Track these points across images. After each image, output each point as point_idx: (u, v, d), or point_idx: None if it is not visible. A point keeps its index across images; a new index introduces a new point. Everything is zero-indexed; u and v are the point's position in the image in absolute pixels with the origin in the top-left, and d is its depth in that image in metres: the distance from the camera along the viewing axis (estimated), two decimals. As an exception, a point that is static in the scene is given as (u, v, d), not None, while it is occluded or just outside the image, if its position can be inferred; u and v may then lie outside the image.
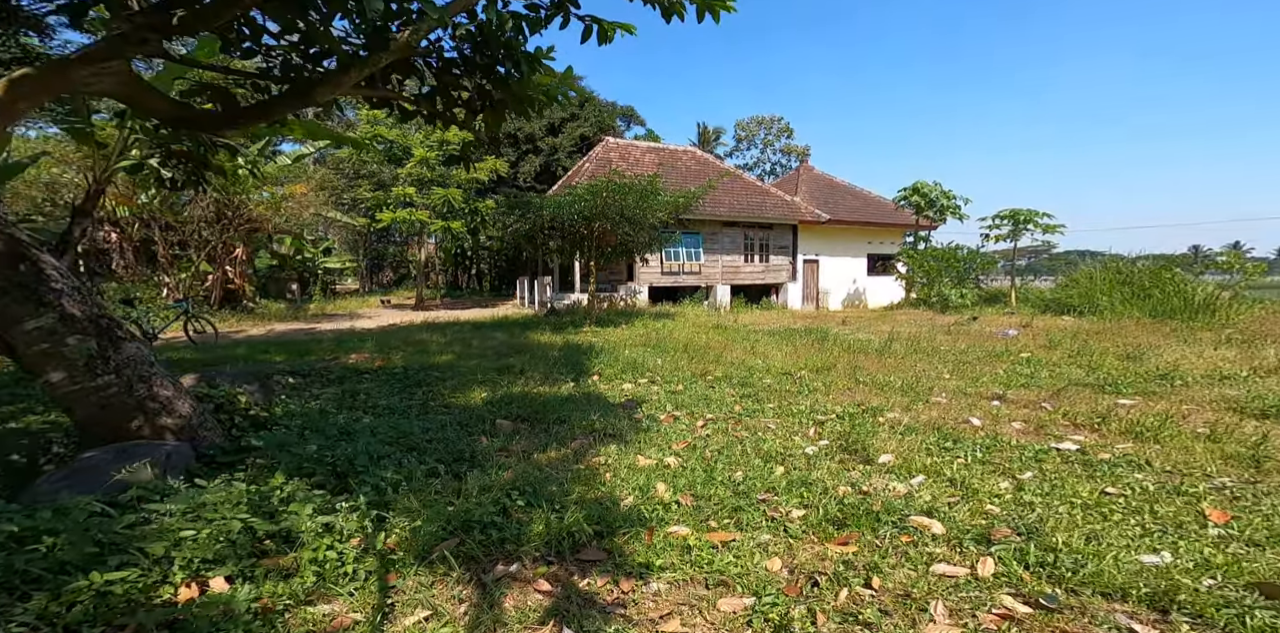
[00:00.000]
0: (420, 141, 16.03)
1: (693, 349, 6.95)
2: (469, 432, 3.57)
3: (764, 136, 46.78)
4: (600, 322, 10.71)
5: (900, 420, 3.85)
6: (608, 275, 18.59)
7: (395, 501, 2.24)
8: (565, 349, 7.02)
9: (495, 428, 3.69)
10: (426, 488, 2.43)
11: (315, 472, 2.35)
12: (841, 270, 19.01)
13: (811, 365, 5.90)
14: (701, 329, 9.57)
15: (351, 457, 2.45)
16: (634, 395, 4.81)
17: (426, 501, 2.27)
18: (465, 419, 3.80)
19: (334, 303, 18.04)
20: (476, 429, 3.63)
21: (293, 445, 2.60)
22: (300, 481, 2.24)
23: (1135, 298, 9.64)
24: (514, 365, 5.82)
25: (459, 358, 6.35)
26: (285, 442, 2.67)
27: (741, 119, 47.17)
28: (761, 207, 17.40)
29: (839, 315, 13.36)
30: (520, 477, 2.77)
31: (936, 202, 14.55)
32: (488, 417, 3.89)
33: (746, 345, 7.36)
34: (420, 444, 3.02)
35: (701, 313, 14.23)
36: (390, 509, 2.24)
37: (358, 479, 2.36)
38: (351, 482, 2.34)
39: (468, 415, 3.91)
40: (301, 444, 2.62)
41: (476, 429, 3.63)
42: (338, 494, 2.28)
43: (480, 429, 3.65)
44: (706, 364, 6.05)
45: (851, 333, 8.84)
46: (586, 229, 10.17)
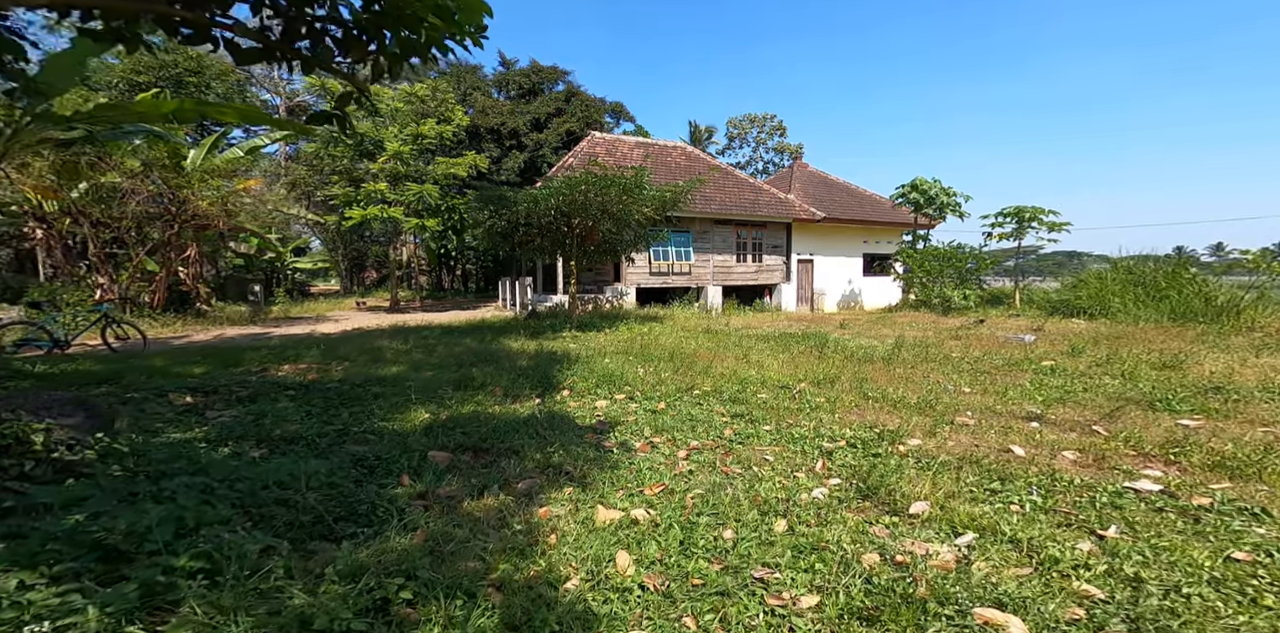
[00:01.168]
0: (395, 135, 15.23)
1: (679, 357, 6.26)
2: (387, 470, 2.84)
3: (756, 135, 46.39)
4: (582, 326, 9.99)
5: (925, 449, 3.18)
6: (594, 276, 17.87)
7: (187, 599, 1.47)
8: (537, 357, 6.29)
9: (425, 463, 2.96)
10: (254, 577, 1.65)
11: (70, 555, 1.58)
12: (837, 271, 18.47)
13: (812, 377, 5.23)
14: (690, 334, 8.89)
15: (146, 528, 1.69)
16: (607, 416, 4.10)
17: (242, 601, 1.50)
18: (389, 452, 3.06)
19: (302, 305, 17.11)
20: (399, 466, 2.89)
21: (76, 507, 1.84)
22: (36, 571, 1.47)
23: (1150, 300, 9.13)
24: (474, 378, 5.08)
25: (413, 368, 5.59)
26: (73, 499, 1.90)
27: (734, 117, 46.79)
28: (754, 204, 16.80)
29: (836, 318, 12.77)
30: (432, 541, 2.05)
31: (936, 199, 14.04)
32: (420, 448, 3.15)
33: (739, 353, 6.68)
34: (293, 498, 2.26)
35: (691, 316, 13.57)
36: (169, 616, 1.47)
37: (135, 566, 1.59)
38: (126, 569, 1.58)
39: (395, 446, 3.17)
40: (94, 504, 1.85)
41: (399, 466, 2.89)
42: (91, 594, 1.49)
43: (405, 465, 2.91)
44: (694, 376, 5.36)
45: (852, 338, 8.21)
46: (566, 226, 9.45)
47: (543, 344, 7.67)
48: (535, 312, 12.99)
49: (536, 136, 22.55)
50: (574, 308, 10.18)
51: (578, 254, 10.41)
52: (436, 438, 3.36)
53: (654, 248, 15.41)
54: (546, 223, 9.33)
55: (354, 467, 2.84)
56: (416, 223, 15.20)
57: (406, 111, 15.98)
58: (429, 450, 3.12)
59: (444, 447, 3.24)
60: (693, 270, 16.24)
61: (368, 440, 3.32)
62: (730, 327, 10.32)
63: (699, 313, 14.56)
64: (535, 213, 9.06)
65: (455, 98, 21.76)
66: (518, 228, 9.40)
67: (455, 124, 16.51)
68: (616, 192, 8.88)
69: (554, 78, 25.52)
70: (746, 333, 9.05)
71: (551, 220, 9.29)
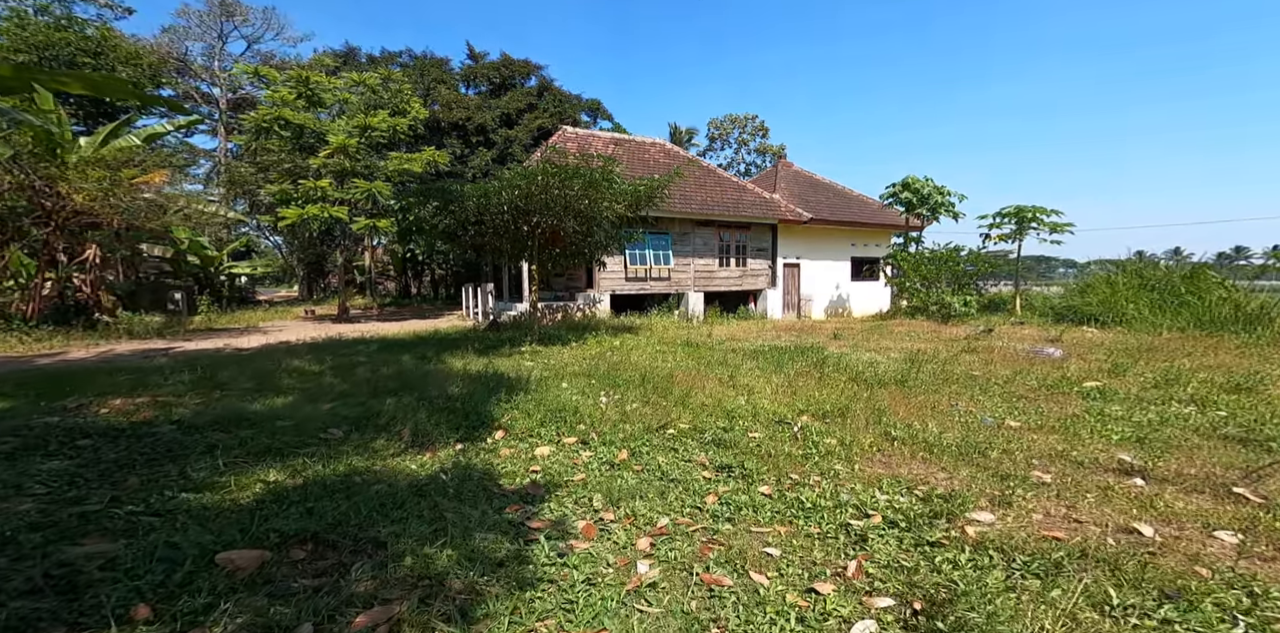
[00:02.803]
0: (342, 127, 13.92)
1: (653, 380, 5.20)
2: (114, 594, 1.67)
3: (739, 135, 46.19)
4: (545, 338, 8.87)
5: (1007, 533, 2.18)
6: (566, 282, 16.77)
7: None
8: (478, 381, 5.15)
9: (201, 575, 1.80)
10: None
11: None
12: (824, 275, 17.78)
13: (815, 406, 4.24)
14: (668, 348, 7.86)
15: None
16: (546, 473, 3.01)
17: None
18: (143, 553, 1.90)
19: (234, 315, 15.50)
20: (145, 583, 1.73)
21: None
22: None
23: (1167, 306, 8.50)
24: (380, 413, 3.93)
25: (307, 399, 4.39)
26: None
27: (715, 118, 46.53)
28: (738, 204, 15.99)
29: (827, 326, 11.93)
30: None
31: (929, 198, 13.43)
32: (210, 543, 1.99)
33: (724, 373, 5.66)
34: None
35: (670, 325, 12.57)
36: None
37: None
38: None
39: (167, 541, 2.00)
40: None
41: (145, 583, 1.73)
42: None
43: (155, 581, 1.75)
44: (669, 405, 4.31)
45: (850, 351, 7.30)
46: (526, 225, 8.34)
47: (492, 362, 6.53)
48: (496, 322, 11.80)
49: (506, 133, 21.43)
50: (535, 318, 9.04)
51: (540, 258, 9.31)
52: (262, 521, 2.21)
53: (630, 251, 14.42)
54: (502, 222, 8.21)
55: (50, 592, 1.67)
56: (367, 223, 13.86)
57: (356, 102, 14.70)
58: (225, 548, 1.97)
59: (264, 537, 2.09)
60: (672, 275, 15.29)
61: (131, 529, 2.13)
62: (713, 338, 9.33)
63: (679, 322, 13.57)
64: (487, 210, 7.93)
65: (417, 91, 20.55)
66: (466, 227, 8.25)
67: (412, 117, 15.28)
68: (581, 185, 7.84)
69: (526, 72, 24.50)
70: (732, 346, 8.06)
71: (507, 219, 8.18)
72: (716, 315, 15.24)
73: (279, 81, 13.53)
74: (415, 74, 22.35)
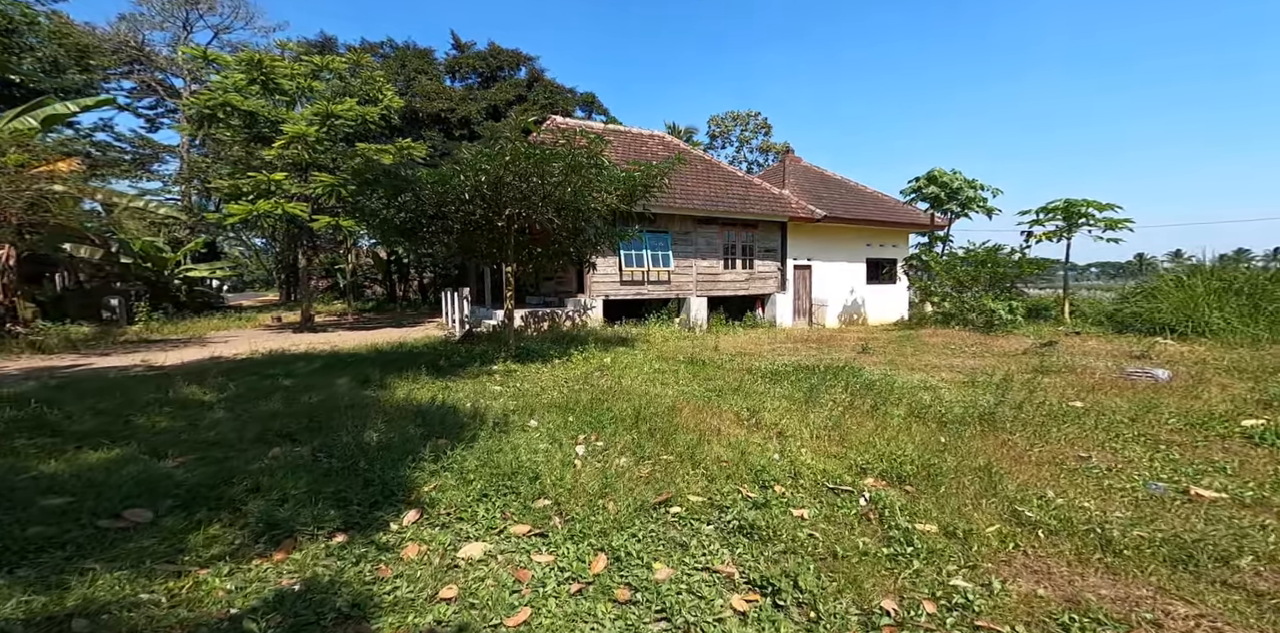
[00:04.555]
0: (302, 116, 12.72)
1: (651, 417, 3.97)
2: None
3: (740, 133, 45.26)
4: (524, 354, 7.62)
5: None
6: (555, 286, 15.55)
7: None
8: (414, 419, 3.91)
9: None
10: None
11: None
12: (838, 279, 16.59)
13: (883, 461, 3.01)
14: (669, 366, 6.62)
15: None
16: (463, 605, 1.79)
17: None
18: None
19: (186, 323, 14.20)
20: None
21: None
22: None
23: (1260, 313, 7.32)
24: (237, 477, 2.68)
25: (148, 451, 3.12)
26: None
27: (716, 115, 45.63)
28: (745, 200, 14.83)
29: (847, 336, 10.71)
30: None
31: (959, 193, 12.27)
32: None
33: (742, 404, 4.43)
34: None
35: (670, 335, 11.35)
36: None
37: None
38: None
39: None
40: None
41: None
42: None
43: None
44: (672, 460, 3.08)
45: (892, 371, 6.06)
46: (497, 218, 7.12)
47: (449, 387, 5.28)
48: (472, 332, 10.55)
49: (493, 126, 20.29)
50: (510, 330, 7.79)
51: (519, 258, 8.09)
52: None
53: (625, 251, 13.20)
54: (469, 216, 6.99)
55: None
56: (329, 221, 12.63)
57: (322, 89, 13.52)
58: None
59: None
60: (672, 279, 14.08)
61: None
62: (721, 352, 8.10)
63: (680, 331, 12.35)
64: (448, 200, 6.71)
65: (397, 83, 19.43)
66: (421, 222, 7.01)
67: (384, 106, 14.11)
68: (563, 169, 6.63)
69: (516, 62, 23.42)
70: (745, 363, 6.83)
71: (476, 212, 6.96)
72: (721, 323, 14.03)
73: (230, 65, 12.36)
74: (396, 65, 21.24)
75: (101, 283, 14.14)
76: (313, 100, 13.34)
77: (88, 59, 15.03)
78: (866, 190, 18.38)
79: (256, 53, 12.16)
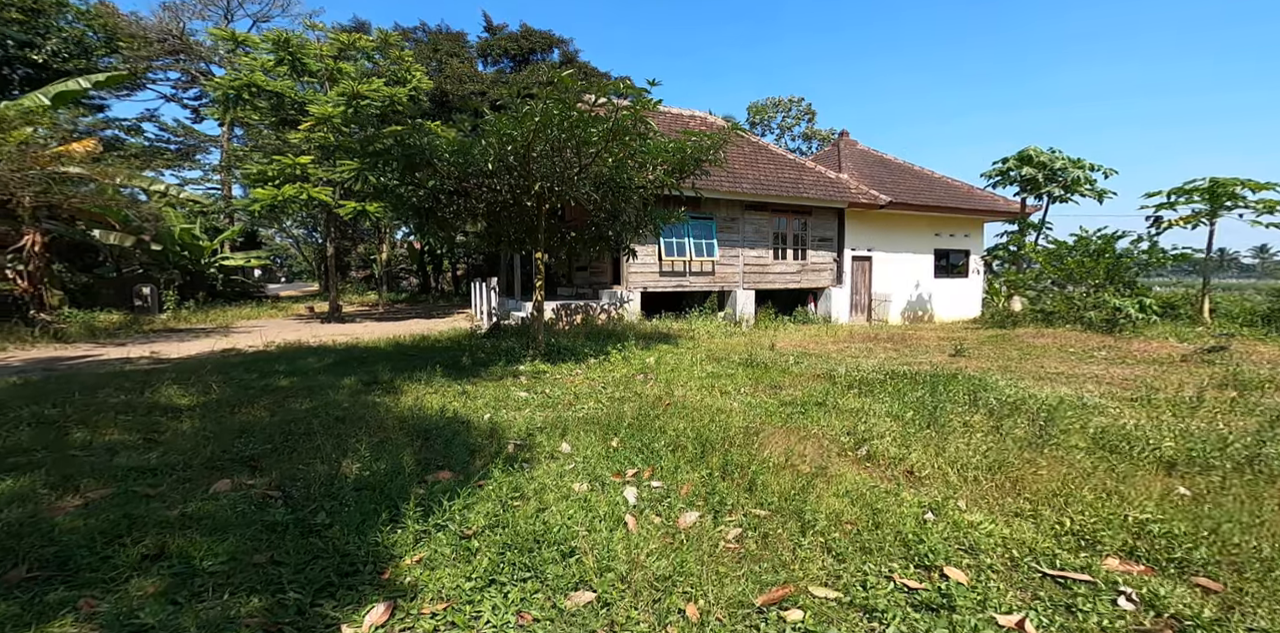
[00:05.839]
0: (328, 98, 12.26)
1: (720, 447, 3.00)
2: None
3: (781, 120, 43.16)
4: (555, 352, 6.77)
5: None
6: (589, 277, 14.69)
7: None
8: (412, 441, 3.08)
9: None
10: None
11: None
12: (901, 271, 15.04)
13: (1116, 530, 1.93)
14: (723, 370, 5.61)
15: None
16: None
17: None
18: None
19: (216, 312, 14.16)
20: None
21: None
22: None
23: None
24: (127, 547, 1.86)
25: (59, 479, 2.39)
26: None
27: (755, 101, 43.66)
28: (798, 184, 13.52)
29: (924, 336, 9.36)
30: None
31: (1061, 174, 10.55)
32: None
33: (837, 427, 3.38)
34: None
35: (716, 331, 10.31)
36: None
37: None
38: None
39: None
40: None
41: None
42: None
43: None
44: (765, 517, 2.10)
45: (1016, 381, 4.83)
46: (528, 198, 6.26)
47: (465, 393, 4.45)
48: (499, 326, 9.82)
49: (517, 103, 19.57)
50: (539, 325, 6.95)
51: (550, 244, 7.22)
52: None
53: (666, 239, 12.18)
54: (492, 191, 6.15)
55: None
56: (355, 207, 12.18)
57: (350, 71, 13.03)
58: None
59: None
60: (717, 269, 12.98)
61: None
62: (780, 353, 7.02)
63: (726, 326, 11.28)
64: (469, 174, 5.89)
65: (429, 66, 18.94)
66: (440, 198, 6.21)
67: (412, 87, 13.53)
68: (602, 134, 5.68)
69: (548, 44, 22.60)
70: (814, 367, 5.73)
71: (501, 188, 6.12)
72: (770, 319, 12.85)
73: (258, 46, 12.02)
74: (428, 49, 20.78)
75: (136, 270, 14.27)
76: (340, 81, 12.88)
77: (116, 40, 15.13)
78: (935, 175, 16.64)
79: (284, 32, 11.76)
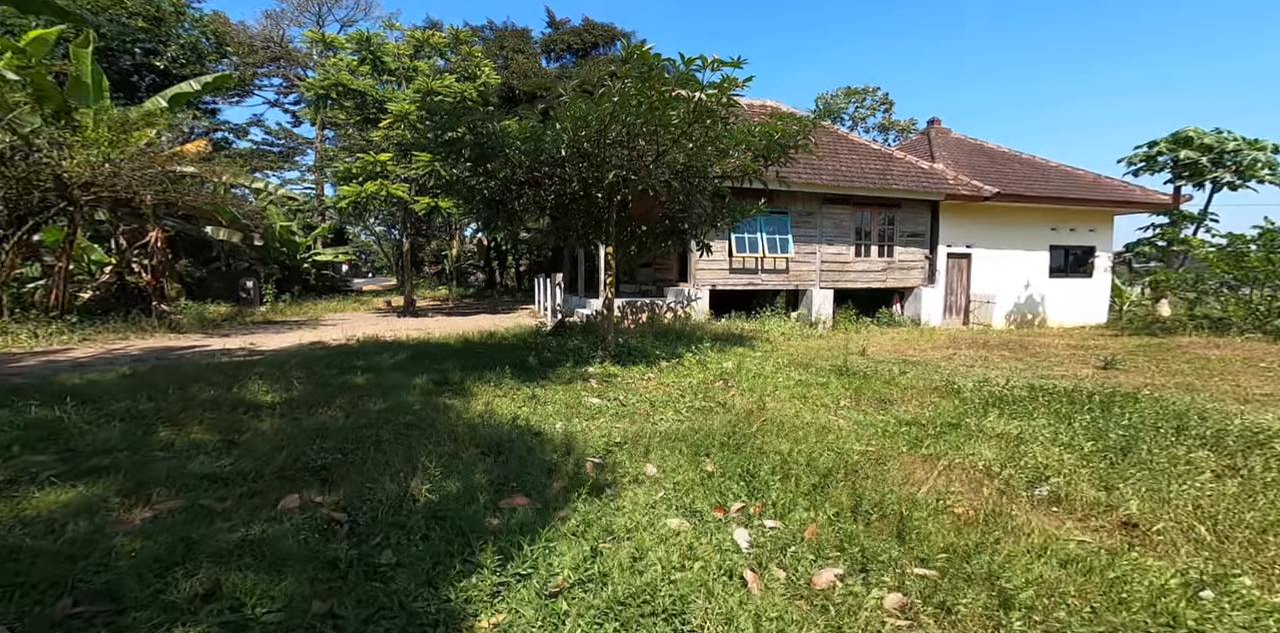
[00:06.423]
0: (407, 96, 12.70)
1: (841, 477, 2.47)
2: None
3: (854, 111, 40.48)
4: (623, 354, 6.42)
5: None
6: (653, 273, 14.30)
7: None
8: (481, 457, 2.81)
9: None
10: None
11: None
12: (1007, 269, 13.37)
13: None
14: (813, 378, 4.99)
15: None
16: None
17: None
18: None
19: (307, 305, 15.22)
20: None
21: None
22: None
23: None
24: (180, 582, 1.65)
25: (132, 486, 2.30)
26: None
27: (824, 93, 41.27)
28: (885, 175, 12.35)
29: (1047, 343, 8.09)
30: None
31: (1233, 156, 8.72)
32: None
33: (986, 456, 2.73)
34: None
35: (793, 332, 9.58)
36: None
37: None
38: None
39: None
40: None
41: None
42: None
43: None
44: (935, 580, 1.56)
45: (1212, 403, 3.83)
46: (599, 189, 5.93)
47: (535, 397, 4.18)
48: (564, 323, 9.65)
49: (584, 99, 19.53)
50: (610, 325, 6.63)
51: (620, 238, 6.87)
52: None
53: (737, 235, 11.53)
54: (563, 181, 5.89)
55: None
56: (428, 203, 12.55)
57: (423, 68, 13.45)
58: None
59: None
60: (791, 266, 12.15)
61: None
62: (874, 358, 6.25)
63: (801, 327, 10.49)
64: (541, 162, 5.64)
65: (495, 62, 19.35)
66: (511, 188, 6.02)
67: (481, 82, 13.75)
68: (684, 116, 5.22)
69: (610, 37, 22.46)
70: (926, 378, 4.95)
71: (572, 178, 5.84)
72: (850, 320, 11.85)
73: (344, 46, 12.68)
74: (495, 46, 21.28)
75: (243, 264, 15.63)
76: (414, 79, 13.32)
77: (225, 46, 16.72)
78: (1051, 164, 14.70)
79: (365, 32, 12.30)
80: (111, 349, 7.04)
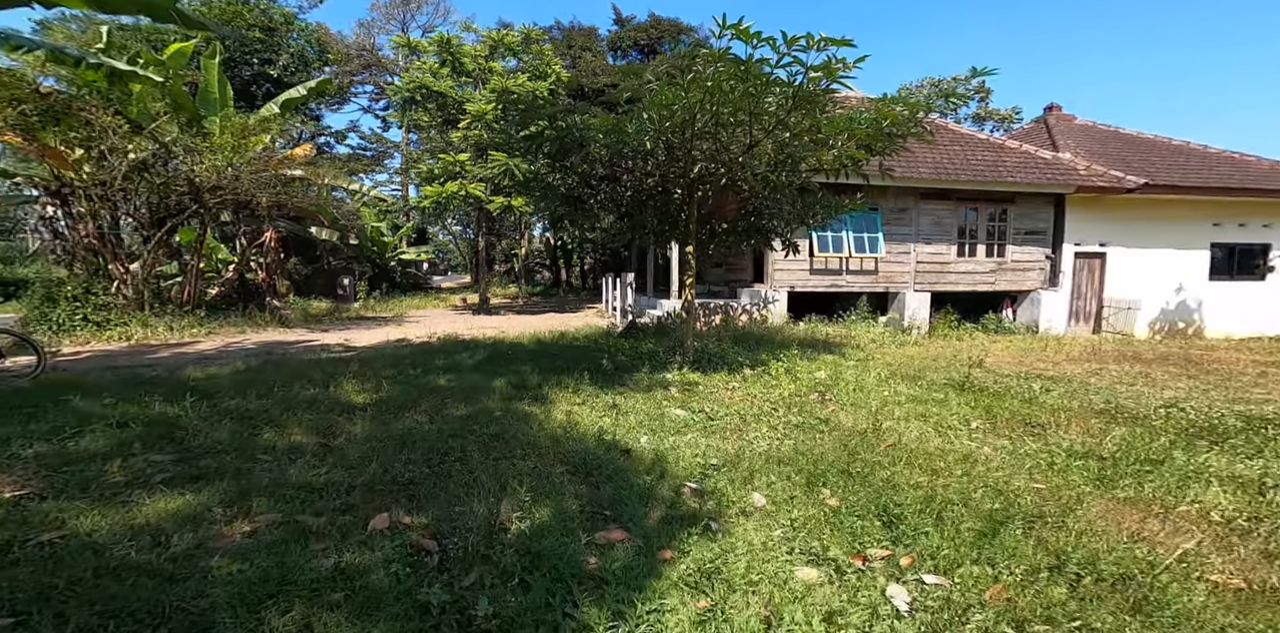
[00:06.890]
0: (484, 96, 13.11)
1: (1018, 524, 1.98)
2: None
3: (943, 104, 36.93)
4: (702, 359, 6.07)
5: None
6: (724, 273, 13.77)
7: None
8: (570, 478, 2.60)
9: None
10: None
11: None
12: (1153, 271, 11.46)
13: None
14: (927, 394, 4.38)
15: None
16: None
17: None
18: None
19: (393, 301, 16.24)
20: None
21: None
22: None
23: None
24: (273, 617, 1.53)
25: (236, 494, 2.29)
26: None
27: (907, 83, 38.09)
28: (997, 167, 11.01)
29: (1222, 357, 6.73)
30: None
31: None
32: None
33: (1201, 500, 2.10)
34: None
35: (884, 339, 8.77)
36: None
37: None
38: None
39: None
40: None
41: None
42: None
43: None
44: None
45: None
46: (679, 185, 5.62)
47: (616, 407, 3.95)
48: (635, 324, 9.46)
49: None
50: (689, 329, 6.30)
51: (699, 236, 6.51)
52: None
53: (819, 233, 10.75)
54: (642, 174, 5.63)
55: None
56: (502, 202, 12.87)
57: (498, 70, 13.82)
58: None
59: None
60: (880, 267, 11.18)
61: None
62: (994, 371, 5.44)
63: (892, 333, 9.57)
64: (623, 155, 5.41)
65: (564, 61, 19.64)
66: (591, 184, 5.84)
67: (552, 81, 13.90)
68: (783, 102, 4.77)
69: (675, 33, 22.13)
70: (1076, 396, 4.16)
71: (653, 172, 5.57)
72: (951, 326, 10.69)
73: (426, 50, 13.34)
74: (563, 45, 21.64)
75: (340, 263, 17.00)
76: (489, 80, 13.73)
77: (327, 53, 18.37)
78: (1210, 150, 12.49)
79: (444, 34, 12.85)
80: (231, 342, 7.76)
